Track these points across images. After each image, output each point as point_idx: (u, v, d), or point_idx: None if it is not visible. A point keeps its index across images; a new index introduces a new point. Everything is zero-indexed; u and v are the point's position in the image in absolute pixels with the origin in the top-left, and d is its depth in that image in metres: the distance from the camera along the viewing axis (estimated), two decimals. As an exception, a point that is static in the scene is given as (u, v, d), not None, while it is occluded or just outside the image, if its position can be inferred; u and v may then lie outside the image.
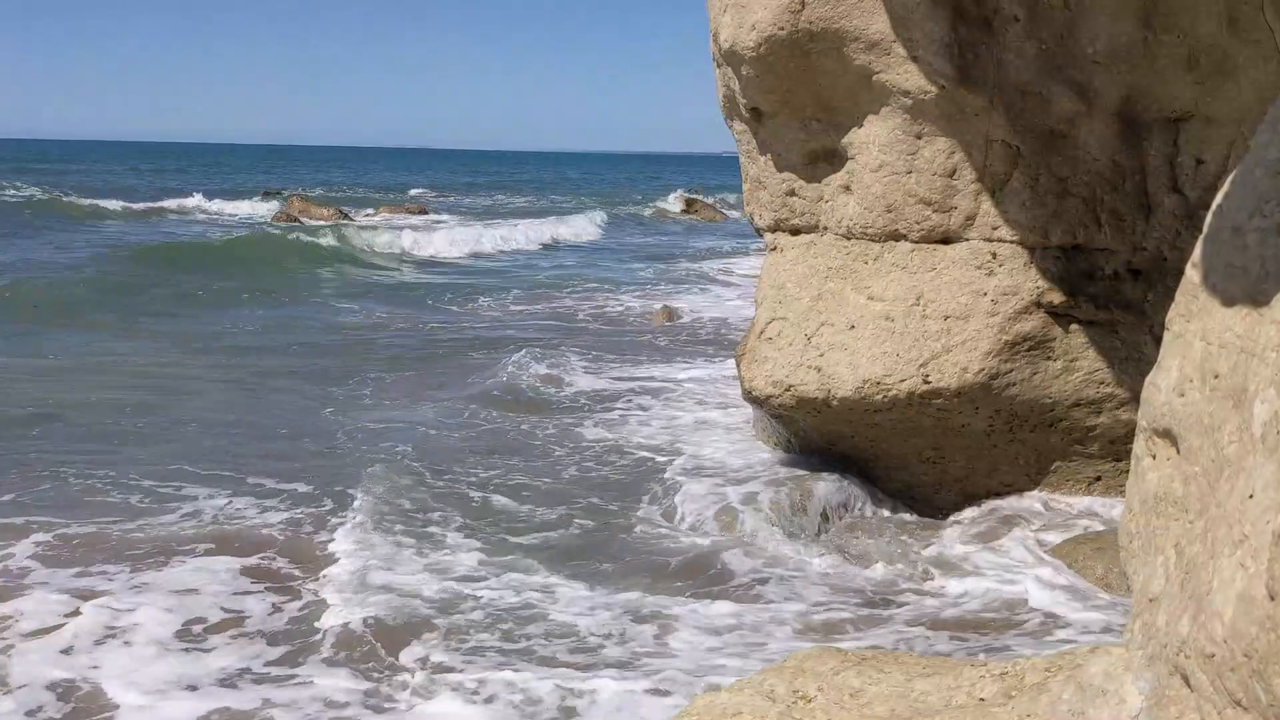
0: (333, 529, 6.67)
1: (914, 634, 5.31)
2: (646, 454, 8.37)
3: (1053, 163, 6.61)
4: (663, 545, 6.52)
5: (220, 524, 6.79)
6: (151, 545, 6.37)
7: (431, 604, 5.56)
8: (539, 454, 8.44)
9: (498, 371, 11.28)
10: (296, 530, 6.68)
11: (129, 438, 8.66)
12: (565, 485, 7.68)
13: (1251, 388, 2.04)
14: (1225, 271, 2.22)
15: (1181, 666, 2.01)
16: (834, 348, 7.09)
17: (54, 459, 7.93)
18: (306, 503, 7.17)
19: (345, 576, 5.92)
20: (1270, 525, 1.80)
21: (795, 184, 7.40)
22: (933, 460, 7.22)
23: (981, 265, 6.75)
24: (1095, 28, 6.33)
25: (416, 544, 6.42)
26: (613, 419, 9.54)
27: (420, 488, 7.47)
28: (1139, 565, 2.36)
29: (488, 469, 7.97)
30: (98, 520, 6.73)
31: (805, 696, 3.00)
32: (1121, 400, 6.73)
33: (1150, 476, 2.37)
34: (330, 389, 10.56)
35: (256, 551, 6.35)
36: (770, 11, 6.75)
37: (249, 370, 11.46)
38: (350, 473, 7.72)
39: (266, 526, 6.73)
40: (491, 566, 6.12)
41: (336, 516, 6.88)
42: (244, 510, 7.03)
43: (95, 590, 5.74)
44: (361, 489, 7.29)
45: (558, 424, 9.31)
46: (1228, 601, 1.85)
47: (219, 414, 9.51)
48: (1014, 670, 2.87)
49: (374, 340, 13.69)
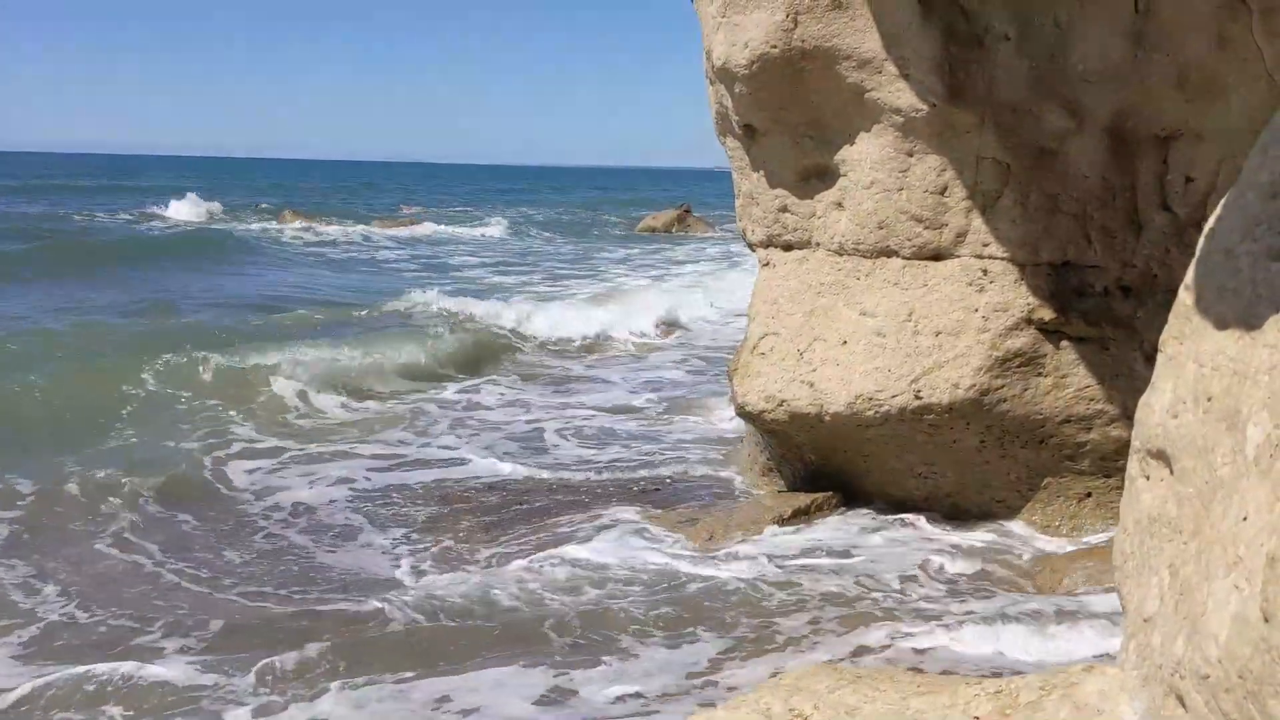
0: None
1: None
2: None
3: (1043, 180, 6.66)
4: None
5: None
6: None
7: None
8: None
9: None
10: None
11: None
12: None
13: (1244, 410, 2.06)
14: (1218, 294, 2.24)
15: (1176, 687, 2.02)
16: (826, 363, 7.12)
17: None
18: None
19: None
20: (1264, 548, 1.82)
21: (788, 200, 7.43)
22: (924, 476, 7.24)
23: (973, 282, 6.79)
24: (1086, 46, 6.38)
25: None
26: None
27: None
28: (1133, 586, 2.38)
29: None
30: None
31: (801, 715, 3.01)
32: (1112, 416, 6.76)
33: (1144, 497, 2.39)
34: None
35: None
36: (763, 30, 6.79)
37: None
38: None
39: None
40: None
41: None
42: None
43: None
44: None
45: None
46: (1222, 623, 1.87)
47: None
48: (1009, 689, 2.89)
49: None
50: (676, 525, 7.04)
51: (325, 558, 6.62)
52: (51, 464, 8.12)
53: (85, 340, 12.95)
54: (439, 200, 62.40)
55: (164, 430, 9.28)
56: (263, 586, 6.14)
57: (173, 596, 5.97)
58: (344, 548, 6.80)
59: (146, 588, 6.09)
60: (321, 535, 6.99)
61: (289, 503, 7.61)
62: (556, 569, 6.26)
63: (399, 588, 6.06)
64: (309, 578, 6.28)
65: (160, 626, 5.54)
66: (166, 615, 5.67)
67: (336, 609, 5.74)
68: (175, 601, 5.89)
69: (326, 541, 6.90)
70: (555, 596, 5.89)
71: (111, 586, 6.09)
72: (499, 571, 6.26)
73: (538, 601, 5.81)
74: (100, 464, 8.10)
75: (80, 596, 5.90)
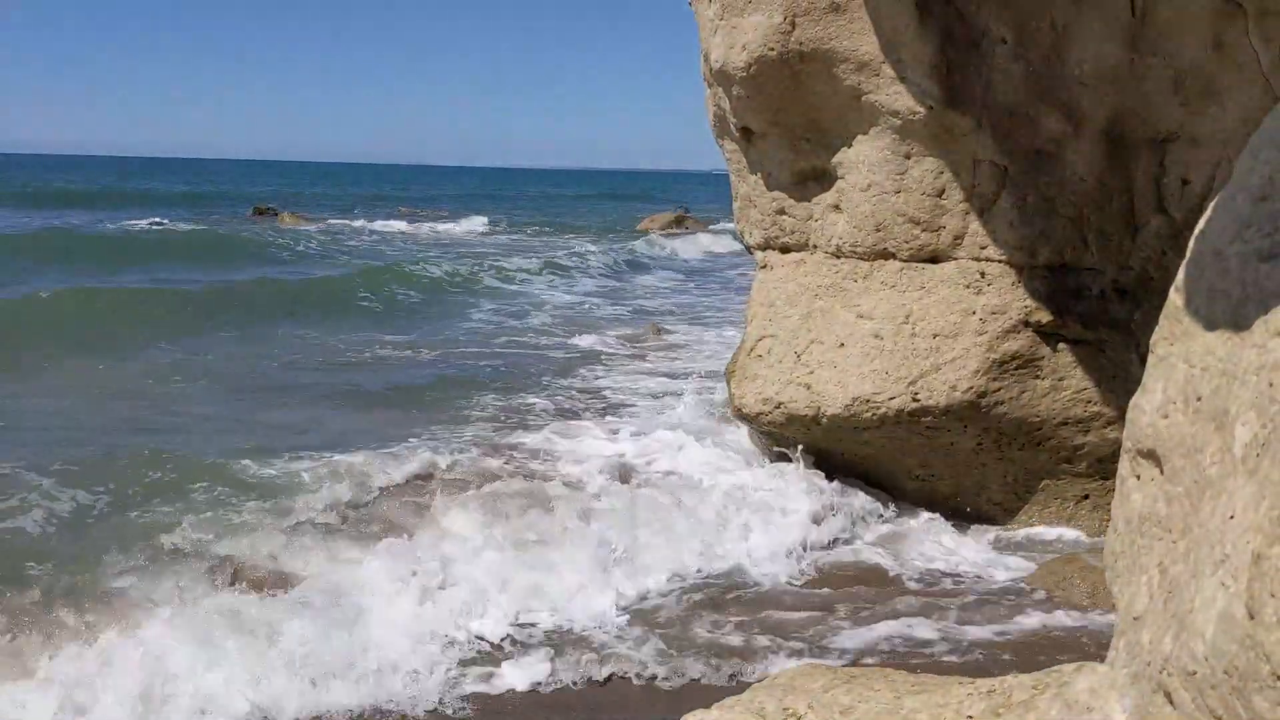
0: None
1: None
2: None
3: (1040, 183, 6.68)
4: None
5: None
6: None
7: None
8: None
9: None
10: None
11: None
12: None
13: (1233, 410, 2.08)
14: (1207, 295, 2.26)
15: (1164, 684, 2.04)
16: (823, 365, 7.13)
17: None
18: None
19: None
20: (1250, 545, 1.84)
21: (785, 203, 7.45)
22: (921, 478, 7.26)
23: (970, 284, 6.81)
24: (1082, 49, 6.40)
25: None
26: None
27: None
28: (1124, 584, 2.40)
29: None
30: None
31: (795, 714, 3.03)
32: (1108, 419, 6.78)
33: (1135, 497, 2.41)
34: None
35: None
36: (761, 32, 6.82)
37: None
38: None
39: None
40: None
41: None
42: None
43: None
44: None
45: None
46: (1209, 620, 1.89)
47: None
48: (1001, 688, 2.90)
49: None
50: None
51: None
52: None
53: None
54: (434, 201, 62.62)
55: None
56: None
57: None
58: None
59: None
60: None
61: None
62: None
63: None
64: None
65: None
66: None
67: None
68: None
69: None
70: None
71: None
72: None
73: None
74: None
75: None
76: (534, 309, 18.19)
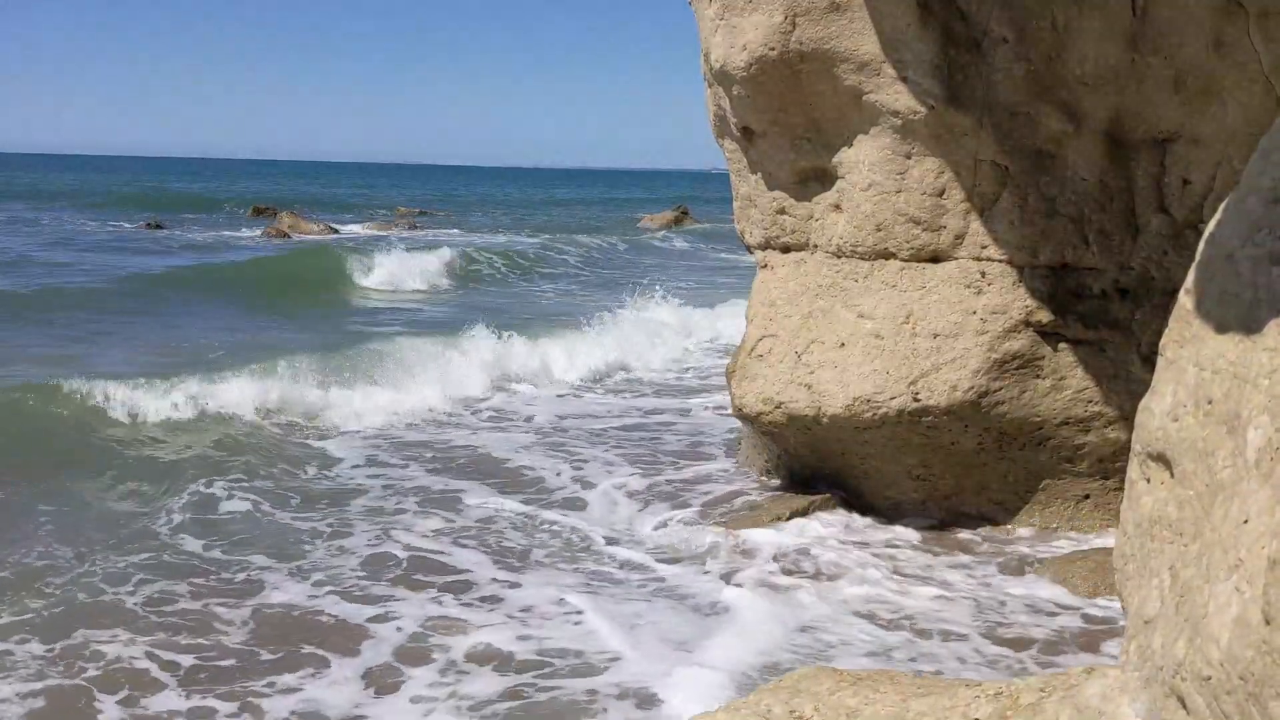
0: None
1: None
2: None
3: (1041, 182, 6.67)
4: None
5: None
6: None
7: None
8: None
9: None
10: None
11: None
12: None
13: (1245, 414, 2.07)
14: (1218, 298, 2.25)
15: (1178, 689, 2.03)
16: (824, 365, 7.12)
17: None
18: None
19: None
20: (1265, 551, 1.83)
21: (786, 202, 7.44)
22: (922, 478, 7.25)
23: (970, 284, 6.80)
24: (1083, 49, 6.39)
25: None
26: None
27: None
28: (1134, 588, 2.39)
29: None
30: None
31: (801, 716, 3.02)
32: (1109, 419, 6.78)
33: (1144, 500, 2.40)
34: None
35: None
36: (761, 32, 6.80)
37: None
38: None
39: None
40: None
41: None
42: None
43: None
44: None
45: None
46: (1224, 625, 1.88)
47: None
48: (1009, 690, 2.89)
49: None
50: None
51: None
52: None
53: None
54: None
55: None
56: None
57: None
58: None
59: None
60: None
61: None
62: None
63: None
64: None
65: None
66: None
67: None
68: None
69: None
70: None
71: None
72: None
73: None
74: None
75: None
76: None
